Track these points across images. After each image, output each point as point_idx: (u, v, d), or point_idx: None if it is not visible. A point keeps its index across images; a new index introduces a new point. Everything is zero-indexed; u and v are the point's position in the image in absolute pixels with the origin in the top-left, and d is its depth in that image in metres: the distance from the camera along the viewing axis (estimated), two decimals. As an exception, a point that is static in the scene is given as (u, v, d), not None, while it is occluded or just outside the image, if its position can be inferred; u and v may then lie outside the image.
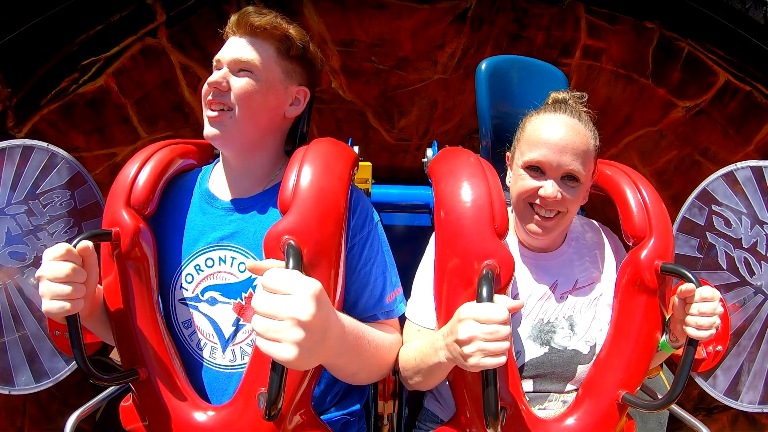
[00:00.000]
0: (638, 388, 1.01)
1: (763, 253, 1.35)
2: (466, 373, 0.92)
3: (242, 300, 0.97)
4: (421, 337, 1.01)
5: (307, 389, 0.91)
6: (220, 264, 0.98)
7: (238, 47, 0.95)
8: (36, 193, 1.34)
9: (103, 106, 1.78)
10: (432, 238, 1.08)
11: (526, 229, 1.03)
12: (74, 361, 0.97)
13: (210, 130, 0.95)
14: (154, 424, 0.93)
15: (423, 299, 1.05)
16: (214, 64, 0.98)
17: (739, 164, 1.37)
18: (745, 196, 1.36)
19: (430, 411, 1.17)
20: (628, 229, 1.04)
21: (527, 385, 1.03)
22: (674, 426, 1.94)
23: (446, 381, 0.99)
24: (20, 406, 1.61)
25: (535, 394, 1.04)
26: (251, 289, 0.96)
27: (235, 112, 0.93)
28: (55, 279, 0.77)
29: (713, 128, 1.80)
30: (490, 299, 0.81)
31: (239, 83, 0.93)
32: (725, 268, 1.38)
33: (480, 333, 0.77)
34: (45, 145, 1.35)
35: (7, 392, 1.34)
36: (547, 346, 1.04)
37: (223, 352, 0.97)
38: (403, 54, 1.94)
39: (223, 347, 0.97)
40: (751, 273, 1.37)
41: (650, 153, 2.01)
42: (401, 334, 1.05)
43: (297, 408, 0.90)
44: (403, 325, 1.07)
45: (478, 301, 0.82)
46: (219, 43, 0.99)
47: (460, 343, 0.79)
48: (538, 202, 0.99)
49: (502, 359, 0.77)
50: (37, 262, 1.32)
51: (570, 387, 1.05)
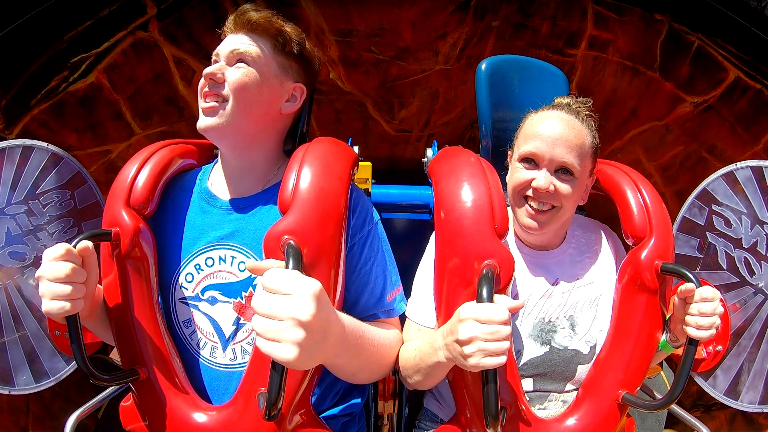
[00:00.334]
0: (638, 388, 1.01)
1: (763, 253, 1.36)
2: (466, 373, 0.92)
3: (242, 299, 0.97)
4: (422, 336, 1.02)
5: (308, 389, 0.91)
6: (220, 263, 0.98)
7: (236, 41, 0.97)
8: (36, 193, 1.34)
9: (95, 102, 1.76)
10: (432, 237, 1.08)
11: (521, 224, 1.03)
12: (74, 361, 0.97)
13: (204, 121, 0.95)
14: (154, 424, 0.93)
15: (423, 298, 1.05)
16: (213, 59, 0.99)
17: (739, 164, 1.37)
18: (745, 196, 1.36)
19: (430, 411, 1.17)
20: (628, 229, 1.04)
21: (527, 384, 1.03)
22: (672, 422, 1.94)
23: (446, 381, 0.99)
24: (23, 405, 1.61)
25: (535, 394, 1.04)
26: (251, 288, 0.96)
27: (229, 103, 0.94)
28: (55, 279, 0.77)
29: (721, 125, 1.78)
30: (491, 299, 0.81)
31: (234, 74, 0.94)
32: (725, 268, 1.38)
33: (480, 333, 0.77)
34: (45, 145, 1.35)
35: (7, 392, 1.34)
36: (548, 346, 1.04)
37: (224, 351, 0.97)
38: (404, 44, 1.92)
39: (223, 346, 0.97)
40: (751, 273, 1.37)
41: (656, 148, 1.99)
42: (402, 332, 1.05)
43: (297, 408, 0.90)
44: (403, 323, 1.07)
45: (478, 301, 0.82)
46: (213, 34, 1.00)
47: (461, 343, 0.79)
48: (531, 193, 1.00)
49: (503, 359, 0.77)
50: (37, 262, 1.32)
51: (570, 387, 1.05)
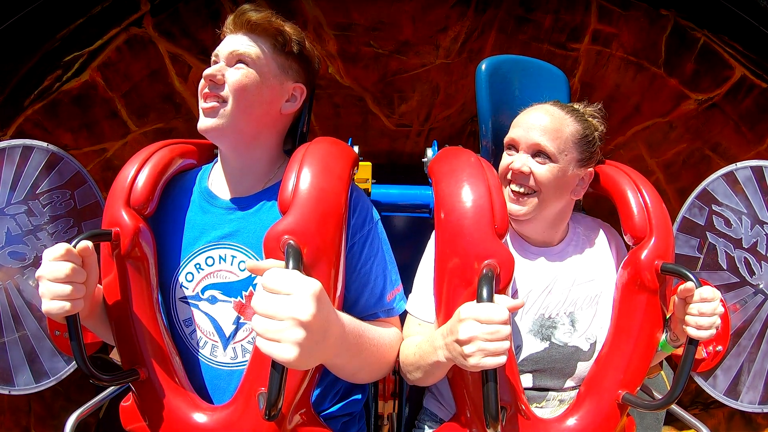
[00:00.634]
0: (638, 388, 1.01)
1: (763, 253, 1.36)
2: (466, 373, 0.92)
3: (242, 298, 0.97)
4: (422, 331, 1.02)
5: (308, 389, 0.91)
6: (220, 263, 0.98)
7: (235, 41, 0.96)
8: (36, 193, 1.34)
9: (90, 101, 1.73)
10: (433, 234, 1.08)
11: (509, 211, 1.04)
12: (74, 361, 0.97)
13: (204, 122, 0.95)
14: (154, 423, 0.93)
15: (424, 293, 1.05)
16: (212, 60, 0.99)
17: (739, 164, 1.37)
18: (745, 196, 1.36)
19: (430, 410, 1.18)
20: (629, 229, 1.04)
21: (526, 380, 1.03)
22: (671, 419, 1.94)
23: (446, 381, 0.99)
24: (24, 405, 1.61)
25: (533, 393, 1.04)
26: (252, 288, 0.96)
27: (229, 104, 0.94)
28: (55, 279, 0.77)
29: (726, 123, 1.76)
30: (491, 299, 0.81)
31: (234, 75, 0.94)
32: (725, 268, 1.38)
33: (480, 333, 0.77)
34: (45, 145, 1.35)
35: (7, 392, 1.34)
36: (548, 342, 1.04)
37: (224, 350, 0.97)
38: (404, 38, 1.90)
39: (223, 345, 0.97)
40: (751, 273, 1.37)
41: (659, 144, 1.97)
42: (402, 332, 1.05)
43: (297, 408, 0.90)
44: (403, 322, 1.08)
45: (478, 301, 0.82)
46: (209, 29, 0.99)
47: (461, 343, 0.79)
48: (509, 176, 1.04)
49: (503, 359, 0.77)
50: (37, 262, 1.32)
51: (569, 384, 1.05)
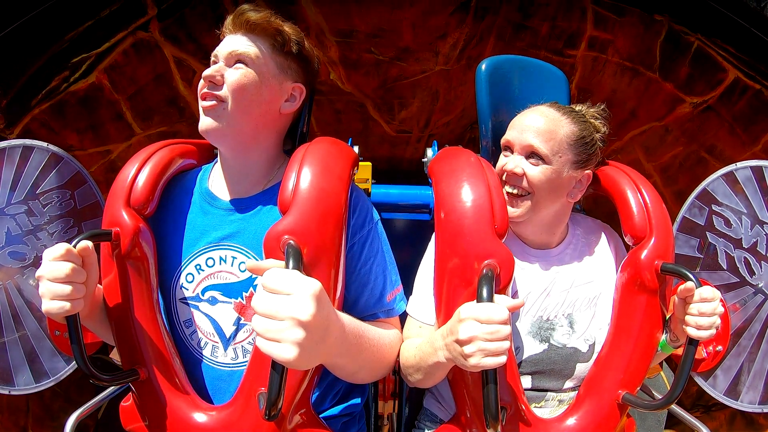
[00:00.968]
0: (638, 388, 1.01)
1: (763, 253, 1.36)
2: (466, 373, 0.92)
3: (243, 299, 0.97)
4: (423, 333, 1.02)
5: (308, 389, 0.91)
6: (220, 263, 0.98)
7: (234, 42, 0.96)
8: (36, 193, 1.34)
9: (96, 103, 1.75)
10: (433, 236, 1.08)
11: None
12: (74, 361, 0.97)
13: (204, 123, 0.95)
14: (154, 424, 0.93)
15: (425, 295, 1.05)
16: (211, 59, 0.99)
17: (739, 164, 1.37)
18: (745, 196, 1.36)
19: (430, 411, 1.18)
20: (628, 229, 1.04)
21: (525, 382, 1.03)
22: (672, 421, 1.94)
23: (446, 381, 0.99)
24: (23, 405, 1.61)
25: (532, 393, 1.04)
26: (252, 289, 0.96)
27: (228, 104, 0.94)
28: (55, 279, 0.77)
29: (720, 126, 1.78)
30: (491, 299, 0.81)
31: (233, 75, 0.94)
32: (725, 268, 1.38)
33: (480, 333, 0.77)
34: (45, 145, 1.35)
35: (7, 392, 1.34)
36: (547, 343, 1.04)
37: (225, 351, 0.97)
38: (404, 44, 1.92)
39: (224, 346, 0.97)
40: (751, 273, 1.37)
41: (655, 148, 1.99)
42: (401, 332, 1.05)
43: (297, 408, 0.90)
44: (403, 323, 1.07)
45: (478, 301, 0.82)
46: (214, 35, 1.00)
47: (461, 343, 0.79)
48: (504, 177, 1.05)
49: (503, 359, 0.77)
50: (37, 262, 1.32)
51: (568, 385, 1.05)
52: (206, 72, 0.95)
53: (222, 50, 0.97)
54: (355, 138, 1.50)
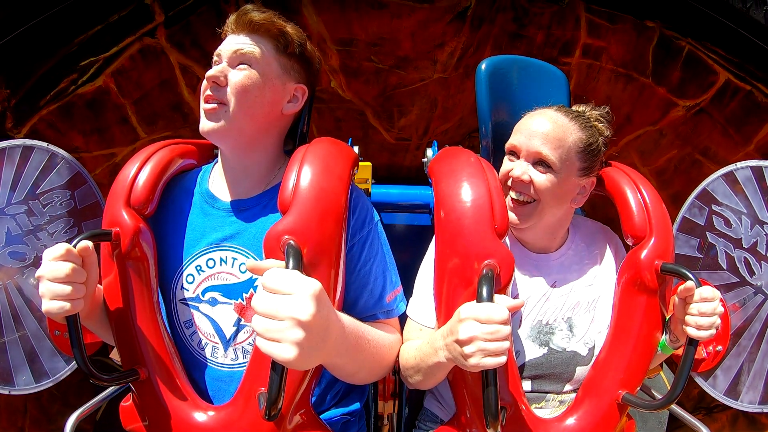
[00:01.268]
0: (638, 388, 1.01)
1: (763, 253, 1.36)
2: (466, 373, 0.92)
3: (243, 300, 0.97)
4: (423, 336, 1.02)
5: (307, 389, 0.91)
6: (221, 264, 0.98)
7: (238, 41, 0.96)
8: (36, 193, 1.34)
9: (102, 106, 1.77)
10: (434, 239, 1.08)
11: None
12: (74, 361, 0.97)
13: (206, 124, 0.94)
14: (154, 424, 0.93)
15: (425, 298, 1.04)
16: (214, 59, 0.98)
17: (739, 164, 1.37)
18: (745, 196, 1.36)
19: (430, 411, 1.17)
20: (628, 229, 1.04)
21: (525, 385, 1.03)
22: (674, 425, 1.94)
23: (446, 381, 0.99)
24: (21, 406, 1.61)
25: (532, 394, 1.04)
26: (252, 290, 0.96)
27: (231, 106, 0.93)
28: (55, 279, 0.77)
29: (713, 127, 1.80)
30: (491, 299, 0.81)
31: (237, 77, 0.94)
32: (725, 268, 1.38)
33: (480, 333, 0.77)
34: (45, 145, 1.35)
35: (7, 392, 1.34)
36: (546, 347, 1.04)
37: (225, 352, 0.97)
38: (403, 53, 1.94)
39: (224, 347, 0.97)
40: (751, 273, 1.37)
41: (650, 152, 2.01)
42: (401, 333, 1.05)
43: (297, 408, 0.90)
44: (403, 324, 1.07)
45: (478, 301, 0.82)
46: (219, 42, 1.00)
47: (461, 343, 0.79)
48: (510, 183, 1.03)
49: (503, 359, 0.77)
50: (37, 262, 1.32)
51: (568, 387, 1.05)
52: (209, 72, 0.94)
53: (225, 49, 0.96)
54: (355, 145, 1.52)
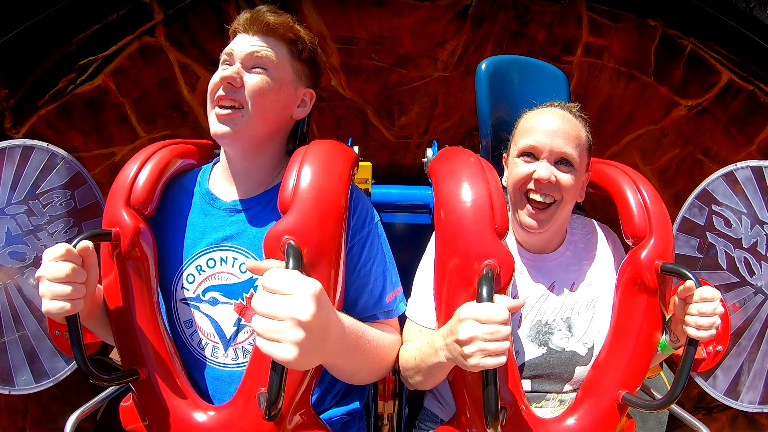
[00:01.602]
0: (638, 388, 1.01)
1: (763, 253, 1.36)
2: (466, 373, 0.92)
3: (243, 300, 0.97)
4: (423, 337, 1.01)
5: (307, 389, 0.91)
6: (221, 264, 0.98)
7: (253, 43, 0.93)
8: (36, 193, 1.34)
9: (101, 105, 1.77)
10: (433, 237, 1.08)
11: (522, 223, 1.03)
12: (74, 361, 0.97)
13: (220, 128, 0.92)
14: (154, 424, 0.93)
15: (425, 299, 1.04)
16: (224, 58, 0.96)
17: (739, 164, 1.37)
18: (745, 196, 1.36)
19: (430, 411, 1.17)
20: (628, 229, 1.04)
21: (525, 385, 1.03)
22: (674, 425, 1.94)
23: (446, 381, 0.99)
24: (21, 406, 1.61)
25: (532, 394, 1.04)
26: (253, 290, 0.96)
27: (248, 110, 0.92)
28: (55, 279, 0.77)
29: (715, 127, 1.80)
30: (491, 299, 0.81)
31: (254, 80, 0.92)
32: (725, 268, 1.38)
33: (480, 333, 0.77)
34: (45, 145, 1.35)
35: (7, 392, 1.34)
36: (545, 347, 1.04)
37: (225, 352, 0.97)
38: (404, 51, 1.94)
39: (224, 347, 0.97)
40: (751, 273, 1.37)
41: (652, 152, 2.01)
42: (401, 333, 1.05)
43: (297, 408, 0.90)
44: (403, 324, 1.07)
45: (478, 301, 0.82)
46: (218, 40, 0.99)
47: (461, 343, 0.79)
48: (532, 186, 1.00)
49: (503, 359, 0.77)
50: (37, 262, 1.32)
51: (568, 387, 1.05)
52: (225, 73, 0.91)
53: (239, 50, 0.93)
54: (355, 144, 1.52)
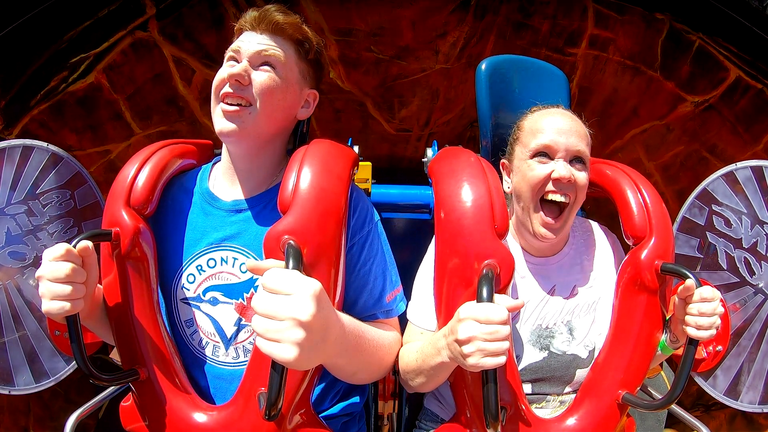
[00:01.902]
0: (638, 388, 1.01)
1: (763, 253, 1.36)
2: (466, 373, 0.92)
3: (244, 300, 0.97)
4: (424, 339, 1.01)
5: (307, 389, 0.91)
6: (222, 264, 0.98)
7: (262, 41, 0.93)
8: (36, 193, 1.34)
9: (95, 103, 1.75)
10: (434, 240, 1.08)
11: (536, 233, 1.02)
12: (74, 361, 0.97)
13: (226, 125, 0.91)
14: (154, 423, 0.93)
15: (425, 301, 1.04)
16: (230, 55, 0.95)
17: (739, 164, 1.37)
18: (745, 196, 1.36)
19: (431, 411, 1.17)
20: (628, 229, 1.04)
21: (526, 388, 1.03)
22: (672, 421, 1.94)
23: (447, 381, 0.99)
24: (24, 406, 1.61)
25: (533, 396, 1.04)
26: (253, 290, 0.96)
27: (256, 108, 0.91)
28: (55, 279, 0.77)
29: (722, 125, 1.78)
30: (490, 299, 0.81)
31: (262, 77, 0.92)
32: (725, 268, 1.38)
33: (479, 333, 0.77)
34: (45, 145, 1.35)
35: (7, 392, 1.34)
36: (546, 351, 1.04)
37: (226, 351, 0.97)
38: (404, 43, 1.92)
39: (225, 346, 0.98)
40: (751, 273, 1.37)
41: (656, 147, 1.99)
42: (401, 333, 1.05)
43: (297, 408, 0.90)
44: (402, 323, 1.07)
45: (478, 301, 0.82)
46: (213, 34, 0.98)
47: (460, 343, 0.79)
48: (551, 187, 0.99)
49: (502, 359, 0.77)
50: (37, 262, 1.32)
51: (568, 389, 1.05)
52: (233, 70, 0.91)
53: (246, 48, 0.93)
54: (355, 137, 1.51)
